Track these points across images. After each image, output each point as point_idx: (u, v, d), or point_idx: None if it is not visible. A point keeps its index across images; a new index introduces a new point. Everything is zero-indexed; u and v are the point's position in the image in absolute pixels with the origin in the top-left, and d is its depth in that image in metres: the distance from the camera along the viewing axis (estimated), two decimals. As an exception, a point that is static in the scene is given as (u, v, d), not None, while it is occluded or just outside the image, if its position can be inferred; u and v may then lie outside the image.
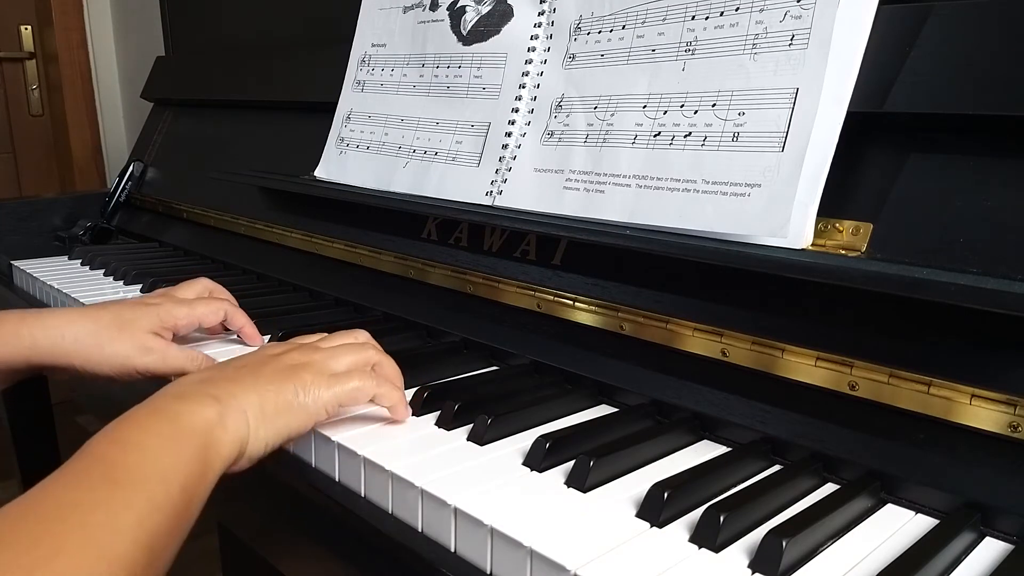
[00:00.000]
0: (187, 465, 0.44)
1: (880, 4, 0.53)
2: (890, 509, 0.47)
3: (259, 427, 0.50)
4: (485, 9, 0.79)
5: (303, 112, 1.10)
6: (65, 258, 1.16)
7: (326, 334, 0.62)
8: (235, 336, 0.76)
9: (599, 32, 0.69)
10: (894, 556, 0.41)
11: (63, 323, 0.65)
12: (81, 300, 0.91)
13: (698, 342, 0.58)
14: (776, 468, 0.52)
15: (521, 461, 0.52)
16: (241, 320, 0.73)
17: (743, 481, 0.50)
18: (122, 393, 0.68)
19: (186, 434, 0.46)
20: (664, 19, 0.64)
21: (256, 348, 0.60)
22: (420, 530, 0.48)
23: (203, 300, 0.73)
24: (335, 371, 0.55)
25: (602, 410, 0.62)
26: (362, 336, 0.62)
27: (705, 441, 0.56)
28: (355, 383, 0.55)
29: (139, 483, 0.41)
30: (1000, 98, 0.48)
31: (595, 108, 0.68)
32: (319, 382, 0.53)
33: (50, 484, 0.40)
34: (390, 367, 0.59)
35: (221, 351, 0.73)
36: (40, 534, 0.36)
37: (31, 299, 1.04)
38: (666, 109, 0.62)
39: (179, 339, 0.71)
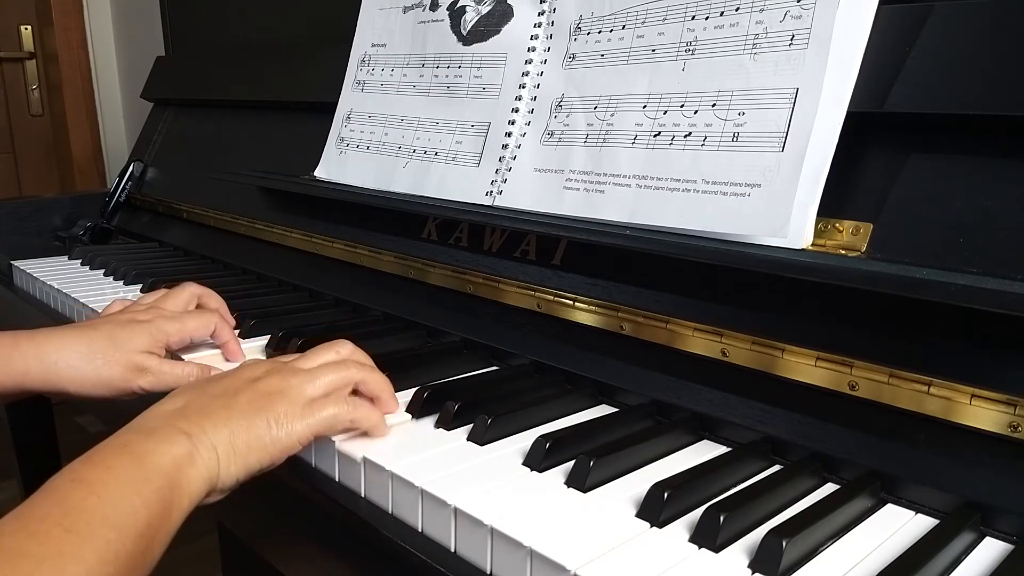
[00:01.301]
0: (147, 509, 0.43)
1: (880, 4, 0.53)
2: (890, 509, 0.47)
3: (229, 464, 0.49)
4: (485, 9, 0.79)
5: (303, 112, 1.10)
6: (65, 258, 1.16)
7: (304, 354, 0.60)
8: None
9: (599, 32, 0.69)
10: (894, 556, 0.41)
11: (56, 348, 0.64)
12: (81, 300, 0.91)
13: (698, 342, 0.58)
14: (776, 468, 0.52)
15: (521, 461, 0.52)
16: (227, 335, 0.73)
17: (743, 481, 0.50)
18: (119, 402, 0.67)
19: (151, 475, 0.45)
20: (664, 19, 0.64)
21: (235, 368, 0.58)
22: (420, 530, 0.48)
23: (193, 314, 0.72)
24: (312, 396, 0.54)
25: (602, 410, 0.62)
26: (344, 350, 0.60)
27: (705, 441, 0.56)
28: (330, 411, 0.53)
29: (93, 532, 0.40)
30: (1000, 98, 0.48)
31: (595, 108, 0.68)
32: (293, 413, 0.52)
33: (6, 527, 0.39)
34: (375, 381, 0.58)
35: (214, 354, 0.73)
36: None
37: (31, 299, 1.04)
38: (666, 109, 0.62)
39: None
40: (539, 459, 0.51)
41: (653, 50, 0.64)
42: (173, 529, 0.46)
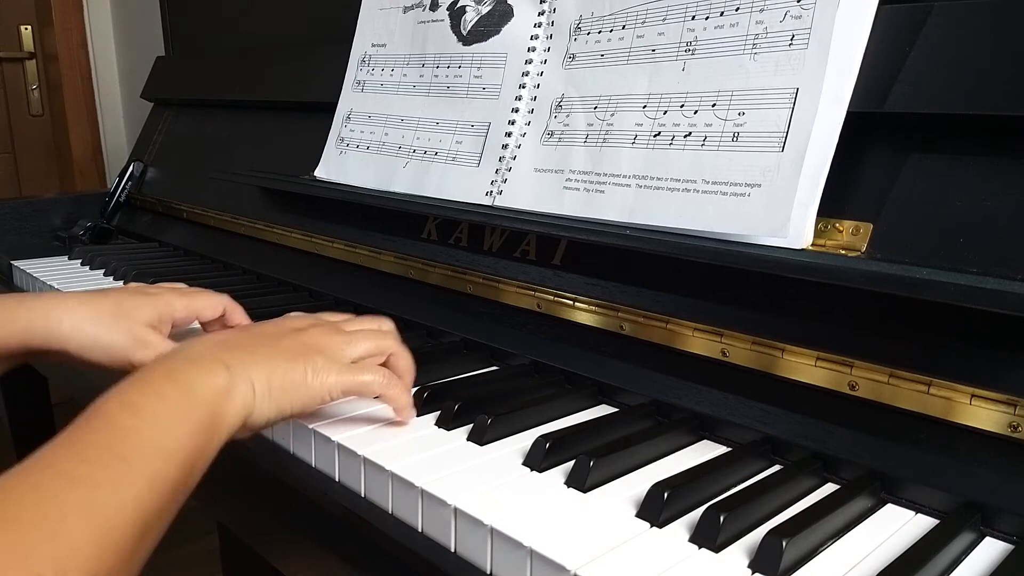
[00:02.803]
0: (192, 438, 0.45)
1: (880, 4, 0.53)
2: (890, 509, 0.47)
3: (264, 401, 0.50)
4: (485, 9, 0.79)
5: (303, 112, 1.10)
6: (65, 258, 1.16)
7: (353, 316, 0.63)
8: None
9: (599, 32, 0.69)
10: (894, 556, 0.41)
11: (61, 308, 0.64)
12: (81, 300, 0.91)
13: (698, 342, 0.58)
14: (776, 468, 0.52)
15: (521, 461, 0.52)
16: (239, 317, 0.73)
17: (743, 481, 0.50)
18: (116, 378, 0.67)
19: (196, 404, 0.46)
20: (664, 19, 0.64)
21: (280, 318, 0.60)
22: (420, 530, 0.48)
23: (203, 293, 0.72)
24: (350, 357, 0.56)
25: (602, 410, 0.62)
26: (387, 324, 0.62)
27: (705, 441, 0.56)
28: (367, 377, 0.55)
29: (144, 460, 0.42)
30: (1000, 98, 0.48)
31: (595, 108, 0.68)
32: (330, 368, 0.53)
33: (58, 450, 0.40)
34: (405, 360, 0.60)
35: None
36: (44, 510, 0.36)
37: (31, 299, 1.04)
38: (666, 109, 0.62)
39: (179, 335, 0.71)
40: (539, 459, 0.51)
41: (653, 50, 0.64)
42: (211, 457, 0.47)
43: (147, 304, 0.67)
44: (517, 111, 0.75)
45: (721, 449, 0.55)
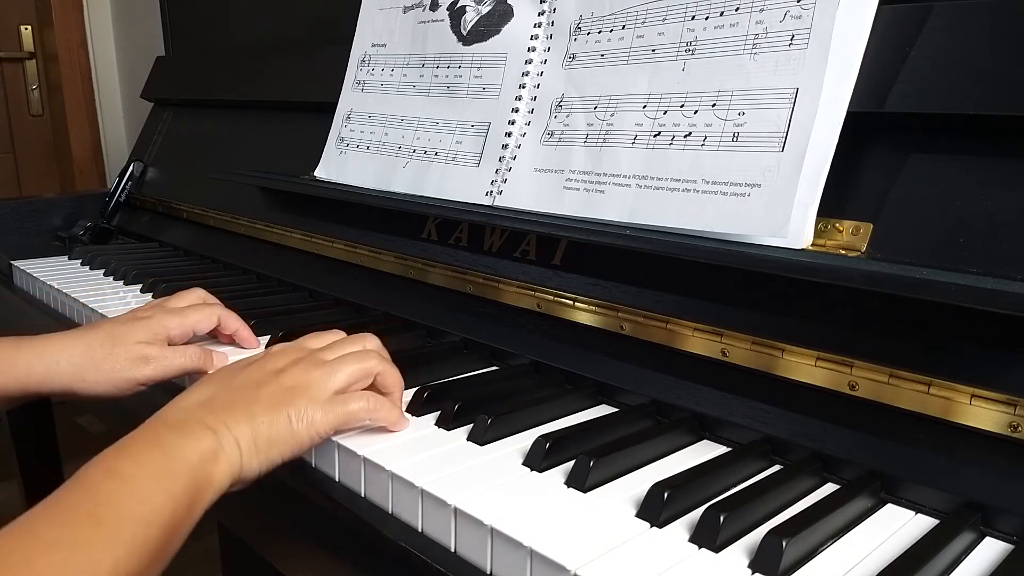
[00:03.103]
0: (174, 502, 0.45)
1: (880, 4, 0.53)
2: (890, 509, 0.47)
3: (251, 458, 0.50)
4: (485, 9, 0.79)
5: (303, 112, 1.10)
6: (65, 258, 1.16)
7: (336, 334, 0.62)
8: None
9: (599, 32, 0.69)
10: (894, 556, 0.41)
11: (57, 349, 0.65)
12: (81, 300, 0.91)
13: (698, 342, 0.58)
14: (776, 468, 0.52)
15: (521, 461, 0.52)
16: (235, 324, 0.73)
17: (743, 481, 0.50)
18: (125, 402, 0.67)
19: (179, 469, 0.46)
20: (664, 19, 0.64)
21: (256, 354, 0.59)
22: (420, 530, 0.48)
23: (195, 307, 0.72)
24: (333, 389, 0.55)
25: (602, 410, 0.62)
26: (371, 343, 0.61)
27: (705, 441, 0.56)
28: (352, 407, 0.54)
29: (123, 525, 0.42)
30: (1000, 98, 0.48)
31: (595, 108, 0.68)
32: (314, 408, 0.53)
33: (37, 517, 0.41)
34: (391, 376, 0.59)
35: (224, 350, 0.73)
36: (24, 572, 0.37)
37: (31, 299, 1.04)
38: (666, 109, 0.62)
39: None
40: (539, 459, 0.51)
41: (653, 50, 0.64)
42: (195, 521, 0.47)
43: (140, 327, 0.67)
44: (517, 111, 0.75)
45: (721, 449, 0.55)
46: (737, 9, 0.59)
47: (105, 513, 0.42)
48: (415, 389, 0.61)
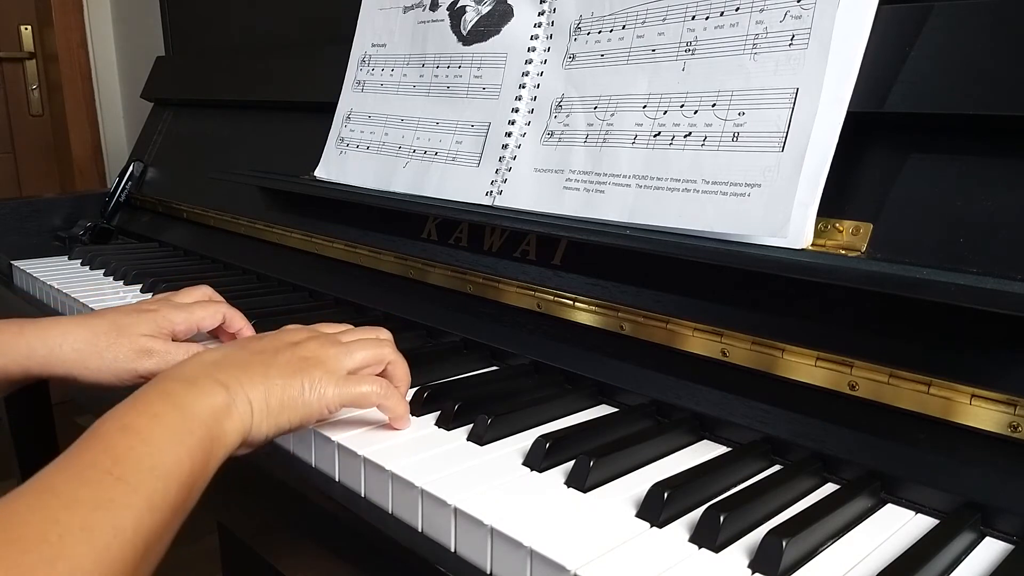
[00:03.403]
0: (190, 458, 0.45)
1: (880, 4, 0.53)
2: (890, 509, 0.47)
3: (262, 420, 0.50)
4: (485, 9, 0.79)
5: (303, 112, 1.10)
6: (65, 258, 1.16)
7: (350, 326, 0.62)
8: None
9: (599, 32, 0.69)
10: (894, 556, 0.41)
11: (60, 333, 0.64)
12: (81, 300, 0.91)
13: (698, 342, 0.58)
14: (776, 468, 0.52)
15: (521, 461, 0.52)
16: (240, 323, 0.73)
17: (743, 481, 0.50)
18: (124, 394, 0.67)
19: (193, 424, 0.46)
20: (664, 19, 0.64)
21: (276, 331, 0.60)
22: (420, 530, 0.48)
23: (201, 304, 0.72)
24: (347, 368, 0.55)
25: (602, 410, 0.62)
26: (384, 333, 0.62)
27: (705, 441, 0.56)
28: (364, 388, 0.55)
29: (142, 481, 0.42)
30: (1000, 98, 0.48)
31: (595, 108, 0.68)
32: (328, 380, 0.53)
33: (57, 473, 0.41)
34: (401, 368, 0.60)
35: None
36: (44, 532, 0.36)
37: (31, 299, 1.04)
38: (666, 109, 0.62)
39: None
40: (539, 459, 0.51)
41: (653, 50, 0.64)
42: (209, 477, 0.47)
43: (145, 320, 0.67)
44: (517, 111, 0.75)
45: (721, 449, 0.55)
46: (737, 9, 0.59)
47: (124, 470, 0.41)
48: (415, 389, 0.61)
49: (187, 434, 0.46)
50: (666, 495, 0.45)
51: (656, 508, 0.45)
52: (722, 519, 0.42)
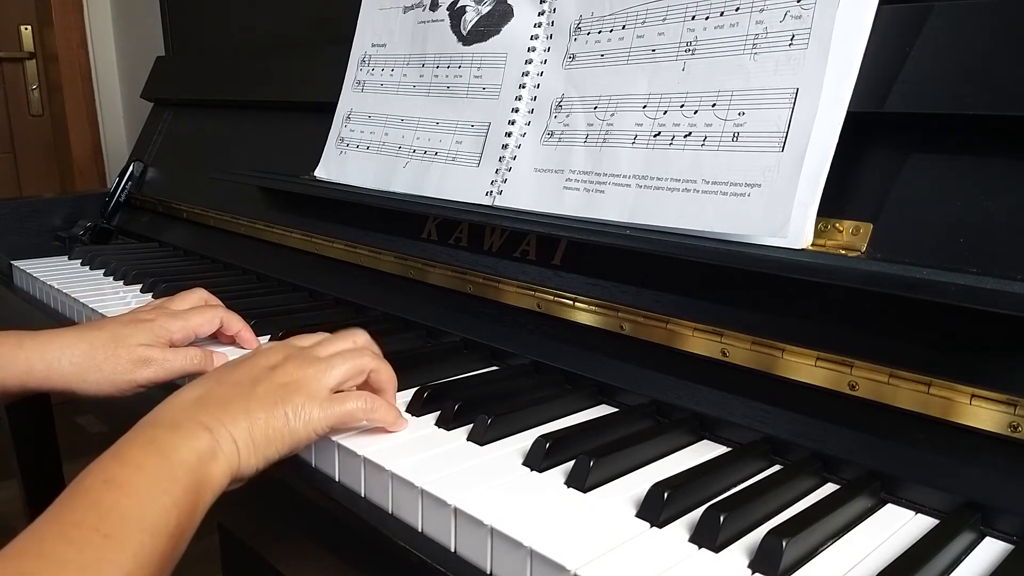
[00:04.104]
0: (176, 507, 0.44)
1: (880, 4, 0.53)
2: (890, 509, 0.47)
3: (249, 456, 0.50)
4: (485, 9, 0.79)
5: (303, 112, 1.10)
6: (65, 258, 1.16)
7: (325, 335, 0.62)
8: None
9: (599, 32, 0.69)
10: (894, 556, 0.41)
11: (59, 347, 0.64)
12: (81, 300, 0.91)
13: (698, 342, 0.58)
14: (776, 468, 0.52)
15: (521, 461, 0.52)
16: (237, 325, 0.73)
17: (743, 481, 0.50)
18: (124, 403, 0.67)
19: (178, 471, 0.46)
20: (664, 19, 0.64)
21: (245, 353, 0.59)
22: (420, 530, 0.48)
23: (198, 310, 0.72)
24: (329, 387, 0.55)
25: (602, 410, 0.62)
26: (361, 339, 0.61)
27: (705, 441, 0.56)
28: (349, 406, 0.54)
29: (129, 536, 0.42)
30: (1000, 98, 0.48)
31: (595, 108, 0.68)
32: (311, 405, 0.53)
33: (44, 533, 0.41)
34: (385, 373, 0.59)
35: (224, 351, 0.73)
36: None
37: (31, 299, 1.04)
38: (666, 109, 0.62)
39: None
40: (539, 459, 0.51)
41: (653, 50, 0.64)
42: (197, 523, 0.47)
43: (142, 329, 0.67)
44: (517, 111, 0.75)
45: (721, 449, 0.55)
46: (737, 9, 0.59)
47: (111, 526, 0.41)
48: (415, 389, 0.61)
49: (172, 482, 0.45)
50: (666, 495, 0.45)
51: (656, 508, 0.45)
52: (722, 519, 0.42)
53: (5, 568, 0.38)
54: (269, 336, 0.76)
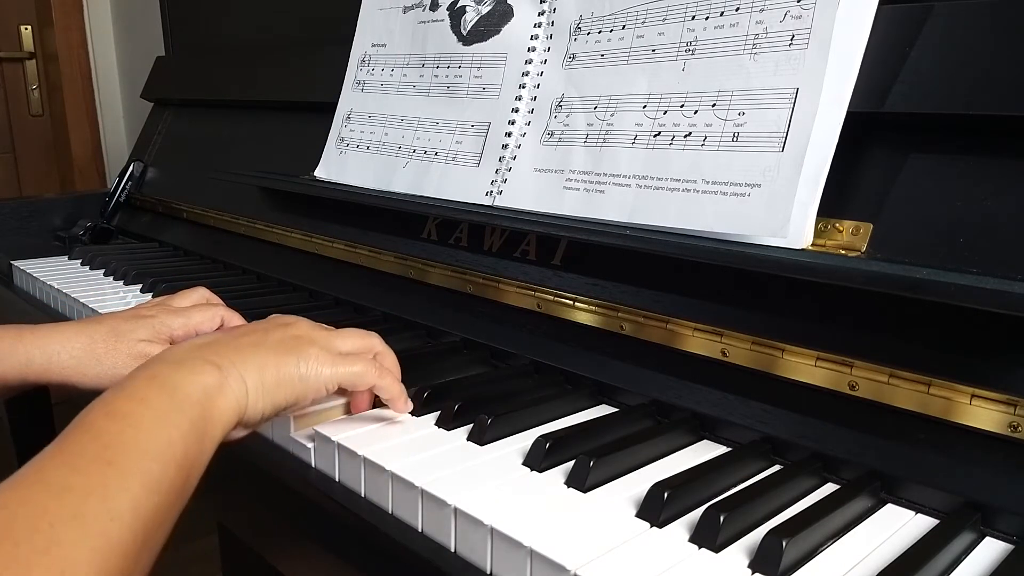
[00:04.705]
0: (184, 439, 0.44)
1: (880, 4, 0.53)
2: (890, 509, 0.47)
3: (258, 398, 0.50)
4: (485, 9, 0.79)
5: (303, 112, 1.10)
6: (65, 258, 1.16)
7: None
8: None
9: (599, 32, 0.69)
10: (894, 556, 0.41)
11: (59, 340, 0.64)
12: (81, 300, 0.91)
13: (698, 342, 0.58)
14: (776, 468, 0.52)
15: (521, 461, 0.52)
16: (238, 323, 0.73)
17: (743, 481, 0.50)
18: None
19: (184, 405, 0.46)
20: (664, 19, 0.64)
21: (264, 319, 0.60)
22: (420, 530, 0.48)
23: (199, 308, 0.72)
24: (340, 349, 0.56)
25: (602, 410, 0.62)
26: (373, 334, 0.62)
27: (705, 441, 0.56)
28: (359, 367, 0.55)
29: (134, 464, 0.41)
30: (1000, 98, 0.48)
31: (595, 108, 0.68)
32: (323, 358, 0.53)
33: (45, 463, 0.40)
34: (390, 359, 0.60)
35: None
36: (35, 524, 0.36)
37: (31, 299, 1.04)
38: (666, 109, 0.62)
39: None
40: (539, 459, 0.51)
41: (653, 50, 0.64)
42: (207, 457, 0.46)
43: (143, 325, 0.67)
44: (517, 111, 0.75)
45: (721, 449, 0.55)
46: (737, 9, 0.59)
47: (114, 454, 0.41)
48: (415, 389, 0.61)
49: (178, 414, 0.45)
50: (666, 495, 0.45)
51: (656, 508, 0.45)
52: (722, 519, 0.42)
53: (7, 495, 0.37)
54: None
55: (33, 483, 0.39)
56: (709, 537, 0.42)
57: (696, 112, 0.60)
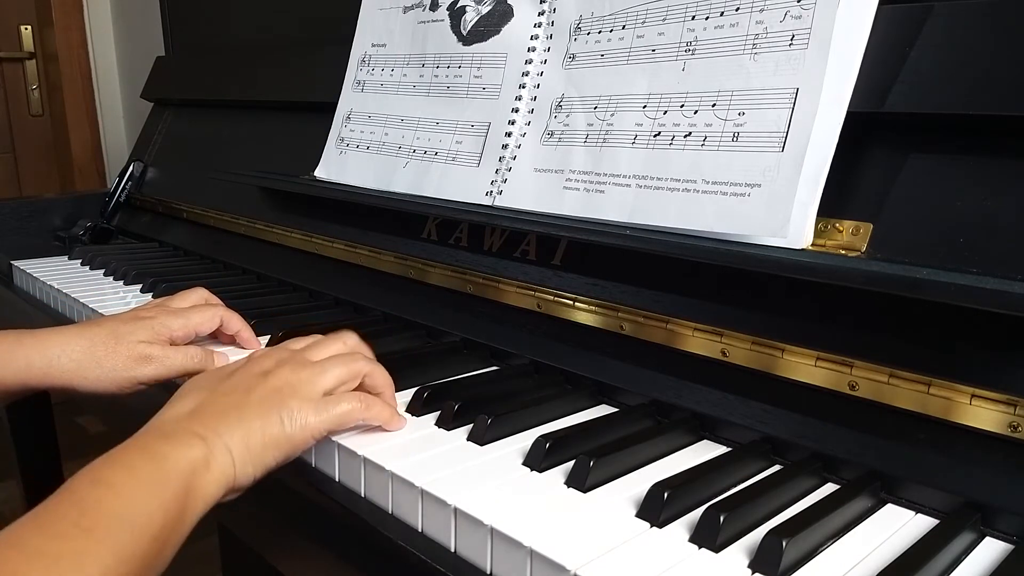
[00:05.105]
0: (164, 511, 0.44)
1: (880, 4, 0.53)
2: (890, 509, 0.47)
3: (245, 463, 0.50)
4: (485, 9, 0.79)
5: (303, 112, 1.10)
6: (65, 258, 1.16)
7: (317, 336, 0.62)
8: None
9: (599, 32, 0.69)
10: (894, 556, 0.41)
11: (58, 344, 0.64)
12: (81, 300, 0.91)
13: (698, 342, 0.58)
14: (776, 468, 0.52)
15: (521, 461, 0.52)
16: (237, 324, 0.73)
17: (743, 481, 0.50)
18: (126, 401, 0.67)
19: (169, 477, 0.45)
20: (664, 19, 0.64)
21: (238, 360, 0.59)
22: (420, 530, 0.48)
23: (198, 309, 0.72)
24: (324, 389, 0.54)
25: (602, 410, 0.62)
26: (351, 340, 0.61)
27: (705, 441, 0.56)
28: (344, 407, 0.54)
29: (109, 532, 0.41)
30: (1000, 98, 0.48)
31: (595, 108, 0.68)
32: (306, 408, 0.52)
33: (26, 526, 0.40)
34: (380, 375, 0.59)
35: (224, 350, 0.73)
36: None
37: (31, 299, 1.04)
38: (666, 109, 0.62)
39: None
40: (539, 459, 0.51)
41: (653, 50, 0.64)
42: (186, 532, 0.46)
43: (143, 327, 0.67)
44: (517, 111, 0.75)
45: (721, 449, 0.55)
46: (737, 9, 0.59)
47: (92, 522, 0.41)
48: (415, 389, 0.61)
49: (162, 486, 0.45)
50: (666, 495, 0.45)
51: (656, 508, 0.45)
52: (722, 519, 0.42)
53: None
54: (269, 336, 0.76)
55: (9, 546, 0.39)
56: (709, 537, 0.42)
57: (696, 112, 0.60)
